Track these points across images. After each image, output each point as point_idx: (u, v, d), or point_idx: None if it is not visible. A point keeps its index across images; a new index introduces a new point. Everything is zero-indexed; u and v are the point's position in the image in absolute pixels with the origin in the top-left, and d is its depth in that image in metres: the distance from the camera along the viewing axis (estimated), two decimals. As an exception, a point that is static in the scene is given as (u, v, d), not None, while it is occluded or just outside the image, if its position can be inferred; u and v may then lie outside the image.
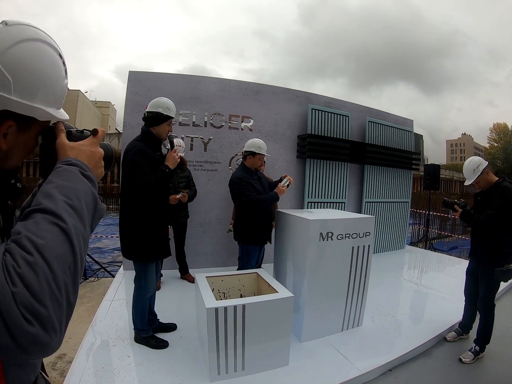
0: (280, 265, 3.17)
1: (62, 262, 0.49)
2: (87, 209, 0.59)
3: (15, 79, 0.58)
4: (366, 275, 2.95)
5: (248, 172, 3.13)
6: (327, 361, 2.48)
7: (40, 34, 0.63)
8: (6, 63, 0.57)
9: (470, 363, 2.61)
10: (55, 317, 0.47)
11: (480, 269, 2.73)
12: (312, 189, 5.34)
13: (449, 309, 3.44)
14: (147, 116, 2.44)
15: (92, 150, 0.69)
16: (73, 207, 0.55)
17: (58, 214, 0.52)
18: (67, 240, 0.52)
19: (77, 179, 0.61)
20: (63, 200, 0.55)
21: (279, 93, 5.17)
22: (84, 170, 0.63)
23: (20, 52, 0.59)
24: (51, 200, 0.54)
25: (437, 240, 8.63)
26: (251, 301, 2.26)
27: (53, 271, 0.47)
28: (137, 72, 4.45)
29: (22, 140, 0.64)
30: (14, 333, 0.43)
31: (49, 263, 0.47)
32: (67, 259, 0.51)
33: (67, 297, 0.49)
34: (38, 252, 0.47)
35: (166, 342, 2.58)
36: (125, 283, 3.95)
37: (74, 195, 0.57)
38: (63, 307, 0.48)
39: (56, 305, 0.47)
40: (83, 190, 0.60)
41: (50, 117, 0.66)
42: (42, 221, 0.51)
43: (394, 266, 5.58)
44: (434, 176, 7.33)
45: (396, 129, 6.43)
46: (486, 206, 2.63)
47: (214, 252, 4.76)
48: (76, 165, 0.63)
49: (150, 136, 2.43)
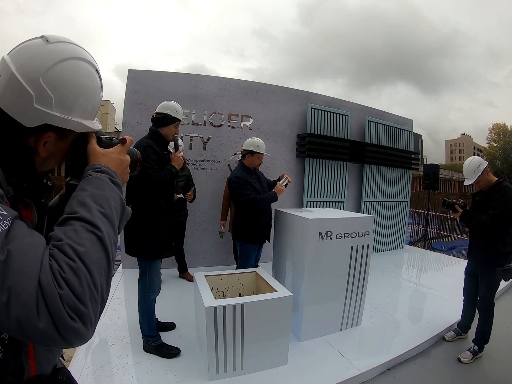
0: (279, 264, 3.17)
1: (99, 266, 0.56)
2: (116, 215, 0.65)
3: (57, 96, 0.63)
4: (365, 275, 2.95)
5: (247, 171, 3.12)
6: (326, 361, 2.48)
7: (79, 52, 0.68)
8: (48, 81, 0.61)
9: (468, 363, 2.61)
10: (92, 314, 0.54)
11: (480, 268, 2.73)
12: (311, 189, 5.34)
13: (448, 309, 3.45)
14: (156, 117, 2.49)
15: (121, 157, 0.76)
16: (105, 215, 0.62)
17: (94, 223, 0.58)
18: (103, 246, 0.58)
19: (108, 187, 0.66)
20: (97, 208, 0.61)
21: (278, 92, 5.16)
22: (113, 177, 0.69)
23: (62, 71, 0.63)
24: (86, 209, 0.60)
25: (436, 239, 8.65)
26: (250, 300, 2.26)
27: (92, 275, 0.54)
28: (137, 70, 4.44)
29: (59, 148, 0.71)
30: (60, 328, 0.50)
31: (89, 268, 0.54)
32: (103, 263, 0.58)
33: (102, 295, 0.56)
34: (79, 258, 0.54)
35: (177, 350, 2.46)
36: (124, 282, 3.95)
37: (106, 203, 0.63)
38: (99, 304, 0.56)
39: (94, 304, 0.54)
40: (113, 197, 0.66)
41: (86, 128, 0.71)
42: (80, 230, 0.57)
43: (393, 265, 5.59)
44: (433, 176, 7.34)
45: (396, 128, 6.43)
46: (485, 206, 2.63)
47: (213, 251, 4.76)
48: (106, 173, 0.68)
49: (158, 136, 2.47)
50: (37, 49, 0.62)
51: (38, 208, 0.70)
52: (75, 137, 0.73)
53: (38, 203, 0.70)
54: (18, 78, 0.59)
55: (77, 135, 0.72)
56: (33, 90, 0.60)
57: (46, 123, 0.63)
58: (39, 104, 0.61)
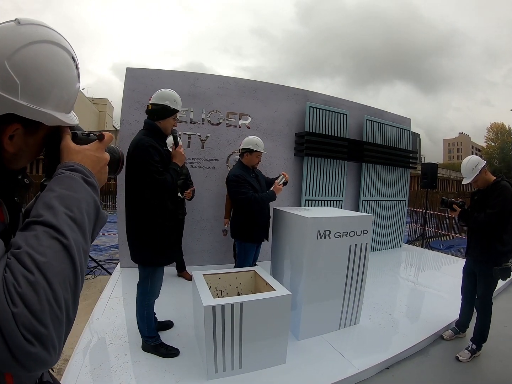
0: (278, 263, 3.17)
1: (62, 279, 0.48)
2: (88, 220, 0.57)
3: (24, 83, 0.56)
4: (363, 273, 2.95)
5: (246, 169, 3.12)
6: (324, 359, 2.48)
7: (53, 35, 0.61)
8: (14, 65, 0.54)
9: (467, 362, 2.62)
10: (55, 335, 0.46)
11: (478, 267, 2.73)
12: (310, 187, 5.33)
13: (446, 308, 3.45)
14: (152, 109, 2.23)
15: (97, 155, 0.68)
16: (74, 220, 0.54)
17: (59, 228, 0.51)
18: (68, 256, 0.50)
19: (79, 187, 0.58)
20: (64, 212, 0.53)
21: (277, 91, 5.15)
22: (87, 176, 0.61)
23: (31, 54, 0.56)
24: (52, 212, 0.52)
25: (434, 238, 8.66)
26: (249, 299, 2.26)
27: (53, 289, 0.46)
28: (135, 68, 4.42)
29: (29, 143, 0.63)
30: (15, 353, 0.43)
31: (50, 282, 0.46)
32: (68, 276, 0.49)
33: (67, 313, 0.49)
34: (39, 270, 0.46)
35: (176, 350, 2.41)
36: (122, 281, 3.94)
37: (76, 206, 0.55)
38: (63, 324, 0.48)
39: (56, 324, 0.46)
40: (85, 199, 0.58)
41: (59, 122, 0.63)
42: (42, 236, 0.49)
43: (391, 264, 5.60)
44: (431, 175, 7.34)
45: (394, 127, 6.43)
46: (483, 205, 2.63)
47: (211, 250, 4.76)
48: (79, 171, 0.60)
49: (156, 130, 2.23)
50: (6, 31, 0.56)
51: (11, 207, 0.63)
52: (48, 132, 0.65)
53: (11, 202, 0.63)
54: None
55: (49, 130, 0.65)
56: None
57: (11, 113, 0.56)
58: (2, 90, 0.54)
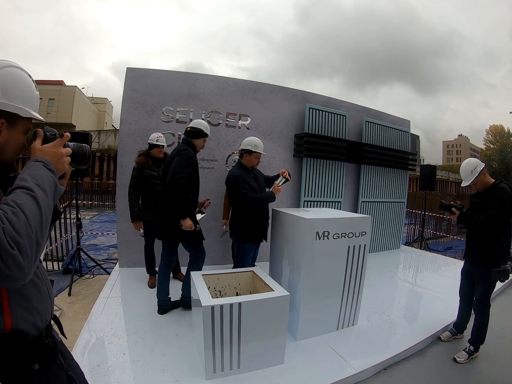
0: (276, 264, 3.17)
1: (33, 214, 0.76)
2: (49, 187, 0.86)
3: (2, 89, 0.89)
4: (361, 275, 2.96)
5: (245, 170, 3.13)
6: (322, 360, 2.48)
7: (15, 63, 0.96)
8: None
9: (464, 363, 2.63)
10: (28, 246, 0.72)
11: (476, 269, 2.74)
12: (309, 188, 5.34)
13: (444, 309, 3.47)
14: (190, 130, 3.04)
15: (54, 150, 0.94)
16: (39, 185, 0.82)
17: (30, 187, 0.80)
18: (36, 202, 0.79)
19: (40, 168, 0.87)
20: (32, 181, 0.82)
21: (276, 92, 5.16)
22: (47, 164, 0.89)
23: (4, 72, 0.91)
24: (25, 181, 0.81)
25: (432, 240, 8.66)
26: (247, 299, 2.26)
27: (27, 217, 0.74)
28: (135, 68, 4.42)
29: (13, 135, 0.95)
30: (1, 254, 0.67)
31: (25, 213, 0.74)
32: (36, 212, 0.77)
33: (36, 235, 0.75)
34: (18, 206, 0.74)
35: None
36: (120, 281, 3.94)
37: (40, 178, 0.84)
38: (33, 240, 0.74)
39: (29, 238, 0.73)
40: (45, 175, 0.87)
41: (29, 114, 0.96)
42: (20, 193, 0.78)
43: (389, 265, 5.60)
44: (430, 176, 7.35)
45: (393, 129, 6.45)
46: (482, 207, 2.64)
47: (210, 250, 4.72)
48: (40, 161, 0.89)
49: (192, 145, 3.02)
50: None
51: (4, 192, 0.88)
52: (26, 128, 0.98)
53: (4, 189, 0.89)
54: None
55: (26, 126, 0.98)
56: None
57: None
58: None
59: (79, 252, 4.57)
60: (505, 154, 40.30)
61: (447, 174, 36.34)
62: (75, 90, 29.54)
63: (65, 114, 27.58)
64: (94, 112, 35.57)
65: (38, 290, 0.97)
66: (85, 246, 6.04)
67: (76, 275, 4.42)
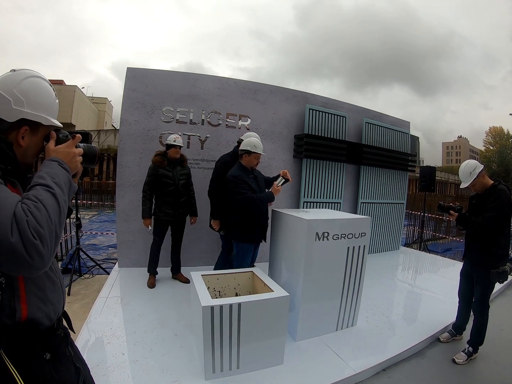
0: (276, 264, 3.17)
1: (52, 208, 0.83)
2: (64, 184, 0.93)
3: (26, 99, 0.97)
4: (361, 276, 2.96)
5: (244, 170, 3.13)
6: (321, 360, 2.49)
7: (36, 73, 1.04)
8: (19, 90, 0.96)
9: (463, 364, 2.63)
10: (48, 237, 0.79)
11: (475, 270, 2.75)
12: (308, 189, 5.35)
13: (443, 310, 3.47)
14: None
15: (67, 150, 1.02)
16: (56, 183, 0.89)
17: (49, 185, 0.87)
18: (54, 198, 0.86)
19: (56, 167, 0.95)
20: (50, 178, 0.89)
21: (277, 93, 5.16)
22: (61, 163, 0.97)
23: (27, 83, 0.99)
24: (43, 179, 0.88)
25: (432, 241, 8.67)
26: (247, 300, 2.26)
27: (48, 211, 0.81)
28: (135, 68, 4.42)
29: (34, 141, 1.02)
30: (25, 243, 0.74)
31: (46, 207, 0.81)
32: (55, 207, 0.85)
33: (55, 228, 0.82)
34: (39, 201, 0.81)
35: None
36: (120, 280, 3.94)
37: (56, 176, 0.91)
38: (53, 232, 0.81)
39: (49, 230, 0.80)
40: (61, 174, 0.94)
41: (50, 122, 1.03)
42: (40, 189, 0.85)
43: (388, 266, 5.60)
44: (429, 178, 7.36)
45: (393, 130, 6.45)
46: (481, 208, 2.65)
47: (210, 250, 4.75)
48: (55, 160, 0.97)
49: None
50: (10, 75, 0.98)
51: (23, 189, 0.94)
52: (44, 134, 1.04)
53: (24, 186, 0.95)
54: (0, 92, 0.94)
55: (45, 133, 1.04)
56: (10, 97, 0.94)
57: (22, 119, 0.96)
58: (15, 105, 0.95)
59: (79, 251, 4.56)
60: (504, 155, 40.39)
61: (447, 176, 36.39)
62: (75, 90, 29.53)
63: (65, 114, 27.50)
64: (94, 111, 35.55)
65: (52, 282, 1.02)
66: (85, 246, 6.03)
67: (76, 274, 4.42)
